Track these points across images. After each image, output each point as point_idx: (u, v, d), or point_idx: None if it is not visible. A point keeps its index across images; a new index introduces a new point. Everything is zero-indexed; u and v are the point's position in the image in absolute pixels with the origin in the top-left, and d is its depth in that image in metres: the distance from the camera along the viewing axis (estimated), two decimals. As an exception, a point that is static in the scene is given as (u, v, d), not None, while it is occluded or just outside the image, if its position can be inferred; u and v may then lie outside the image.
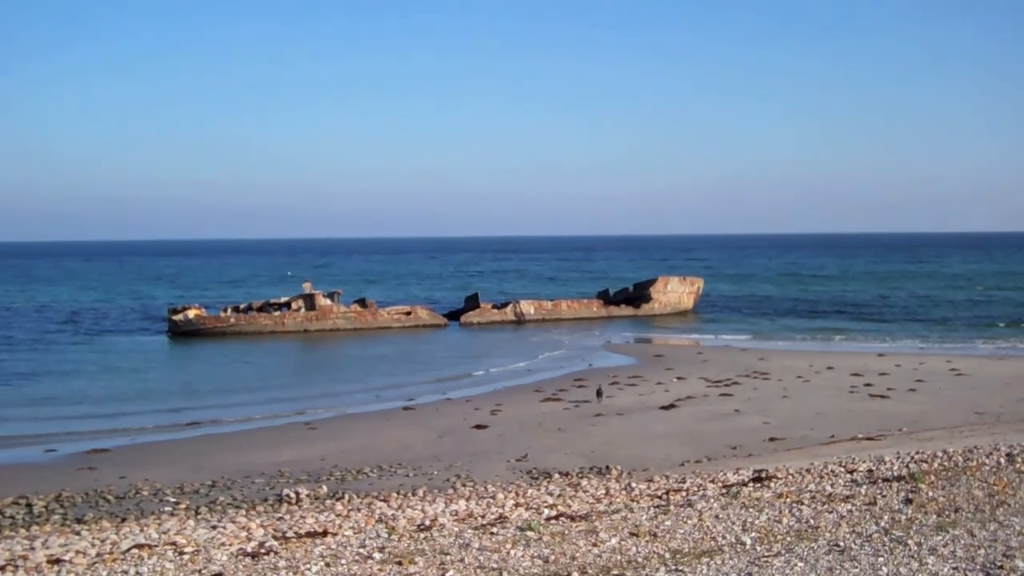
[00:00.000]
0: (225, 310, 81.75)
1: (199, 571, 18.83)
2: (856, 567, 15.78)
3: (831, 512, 20.57)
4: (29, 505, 26.78)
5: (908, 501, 20.97)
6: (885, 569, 15.59)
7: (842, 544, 17.46)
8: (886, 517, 19.59)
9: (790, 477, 25.42)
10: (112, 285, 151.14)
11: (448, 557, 19.08)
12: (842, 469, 26.01)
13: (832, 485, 23.78)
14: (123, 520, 25.15)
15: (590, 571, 17.42)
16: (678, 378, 49.10)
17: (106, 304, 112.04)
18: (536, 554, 18.94)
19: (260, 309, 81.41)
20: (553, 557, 18.67)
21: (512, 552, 19.18)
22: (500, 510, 24.04)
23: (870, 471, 25.30)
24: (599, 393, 42.41)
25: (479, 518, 23.08)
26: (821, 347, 66.43)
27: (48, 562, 20.06)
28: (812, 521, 19.91)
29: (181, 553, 20.45)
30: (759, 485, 24.67)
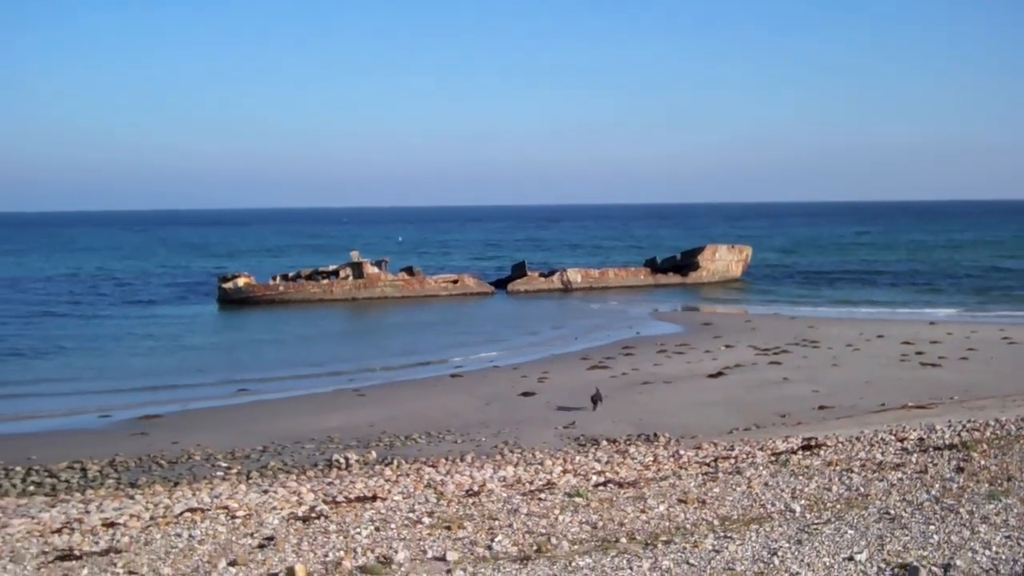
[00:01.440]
0: (274, 278, 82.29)
1: (251, 534, 19.09)
2: (907, 535, 15.68)
3: (881, 480, 20.45)
4: (84, 469, 27.23)
5: (960, 470, 20.78)
6: (936, 537, 15.47)
7: (893, 512, 17.35)
8: (937, 485, 19.44)
9: (840, 445, 25.27)
10: (149, 254, 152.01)
11: (497, 522, 19.21)
12: (892, 437, 25.82)
13: (882, 453, 23.63)
14: (176, 484, 25.53)
15: (638, 537, 17.45)
16: (726, 346, 48.87)
17: (148, 273, 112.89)
18: (584, 520, 19.01)
19: (308, 277, 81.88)
20: (601, 523, 18.73)
21: (560, 517, 19.26)
22: (548, 476, 24.14)
23: (921, 439, 25.10)
24: (595, 400, 34.51)
25: (527, 484, 23.19)
26: (871, 315, 65.73)
27: (103, 525, 20.42)
28: (862, 489, 19.80)
29: (233, 517, 20.74)
30: (808, 453, 24.56)
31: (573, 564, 15.46)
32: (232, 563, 16.90)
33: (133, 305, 79.58)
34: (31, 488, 25.46)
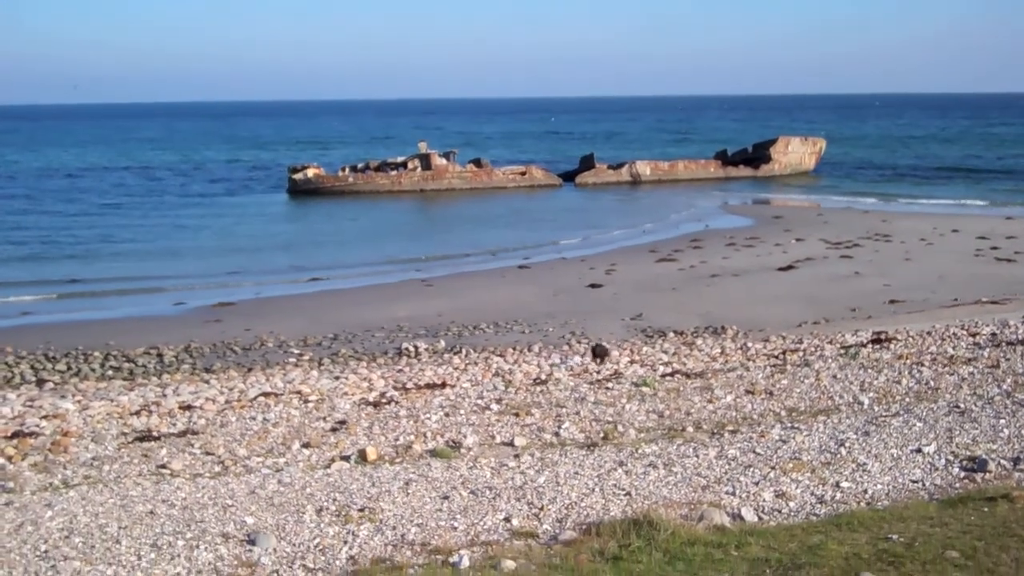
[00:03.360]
0: (343, 169, 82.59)
1: (324, 418, 19.54)
2: (976, 428, 15.60)
3: (952, 374, 20.30)
4: (160, 355, 27.91)
5: (1033, 365, 20.54)
6: (1006, 432, 15.38)
7: (962, 406, 17.24)
8: (1009, 380, 19.26)
9: (910, 339, 25.07)
10: (211, 146, 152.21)
11: (564, 410, 19.44)
12: (964, 332, 25.54)
13: (954, 347, 23.41)
14: (249, 370, 26.09)
15: (705, 426, 17.57)
16: (797, 239, 48.34)
17: (212, 164, 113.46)
18: (651, 408, 19.16)
19: (377, 169, 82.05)
20: (668, 412, 18.87)
21: (627, 406, 19.43)
22: (615, 366, 24.29)
23: (993, 334, 24.80)
24: (598, 353, 26.21)
25: (594, 374, 23.38)
26: (946, 209, 64.42)
27: (180, 408, 21.00)
28: (932, 382, 19.68)
29: (306, 401, 21.21)
30: (878, 346, 24.41)
31: (639, 451, 15.63)
32: (305, 445, 17.36)
33: (201, 196, 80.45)
34: (109, 372, 26.19)
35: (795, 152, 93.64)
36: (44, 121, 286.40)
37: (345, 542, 11.73)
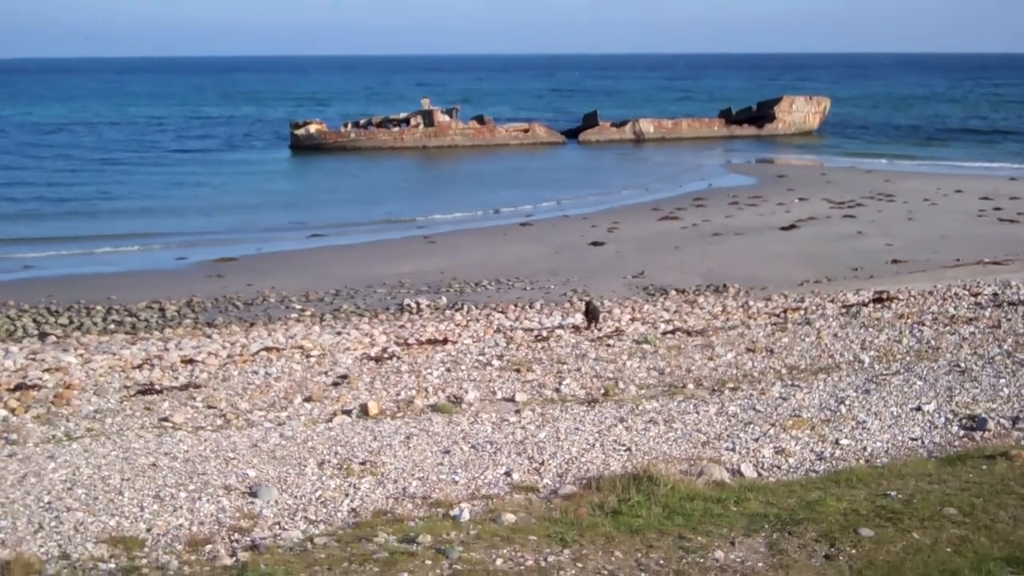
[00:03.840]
0: (345, 125, 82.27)
1: (326, 373, 19.60)
2: (976, 387, 15.65)
3: (953, 334, 20.33)
4: (162, 309, 27.95)
5: (1034, 325, 20.57)
6: (1006, 391, 15.43)
7: (963, 365, 17.30)
8: (1010, 340, 19.29)
9: (912, 299, 25.08)
10: (210, 102, 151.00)
11: (565, 366, 19.50)
12: (966, 292, 25.55)
13: (955, 307, 23.42)
14: (251, 325, 26.15)
15: (705, 383, 17.63)
16: (800, 199, 48.22)
17: (213, 120, 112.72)
18: (652, 366, 19.22)
19: (379, 125, 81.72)
20: (668, 369, 18.93)
21: (628, 363, 19.49)
22: (616, 324, 24.32)
23: (995, 295, 24.81)
24: (589, 312, 24.10)
25: (596, 331, 23.40)
26: (950, 169, 64.19)
27: (182, 362, 21.06)
28: (933, 342, 19.72)
29: (308, 356, 21.26)
30: (880, 306, 24.43)
31: (640, 407, 15.70)
32: (308, 399, 17.42)
33: (201, 152, 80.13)
34: (112, 326, 26.24)
35: (799, 111, 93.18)
36: (34, 76, 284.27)
37: (347, 495, 11.81)
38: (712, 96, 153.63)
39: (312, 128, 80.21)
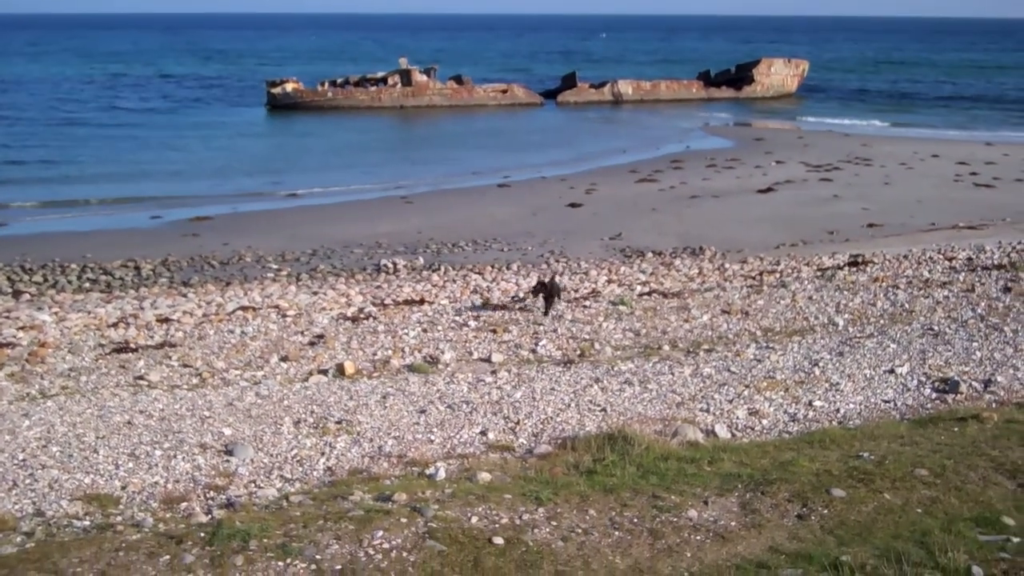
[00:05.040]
0: (322, 84, 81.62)
1: (302, 332, 19.57)
2: (949, 350, 15.79)
3: (927, 297, 20.47)
4: (137, 268, 27.77)
5: (1007, 289, 20.75)
6: (979, 354, 15.57)
7: (936, 328, 17.43)
8: (983, 304, 19.44)
9: (887, 262, 25.22)
10: (182, 59, 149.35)
11: (541, 327, 19.53)
12: (941, 256, 25.71)
13: (930, 271, 23.58)
14: (227, 284, 26.02)
15: (681, 345, 17.71)
16: (777, 162, 48.29)
17: (186, 78, 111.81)
18: (628, 327, 19.28)
19: (357, 84, 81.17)
20: (644, 330, 18.99)
21: (604, 324, 19.54)
22: (593, 285, 24.36)
23: (970, 259, 24.98)
24: (547, 291, 20.75)
25: (572, 292, 23.44)
26: (926, 134, 64.39)
27: (157, 321, 20.98)
28: (907, 305, 19.86)
29: (284, 316, 21.22)
30: (855, 269, 24.56)
31: (615, 368, 15.76)
32: (284, 358, 17.40)
33: (177, 111, 79.39)
34: (87, 285, 26.08)
35: (778, 74, 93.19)
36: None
37: (322, 453, 11.83)
38: (689, 58, 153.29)
39: (289, 87, 79.61)
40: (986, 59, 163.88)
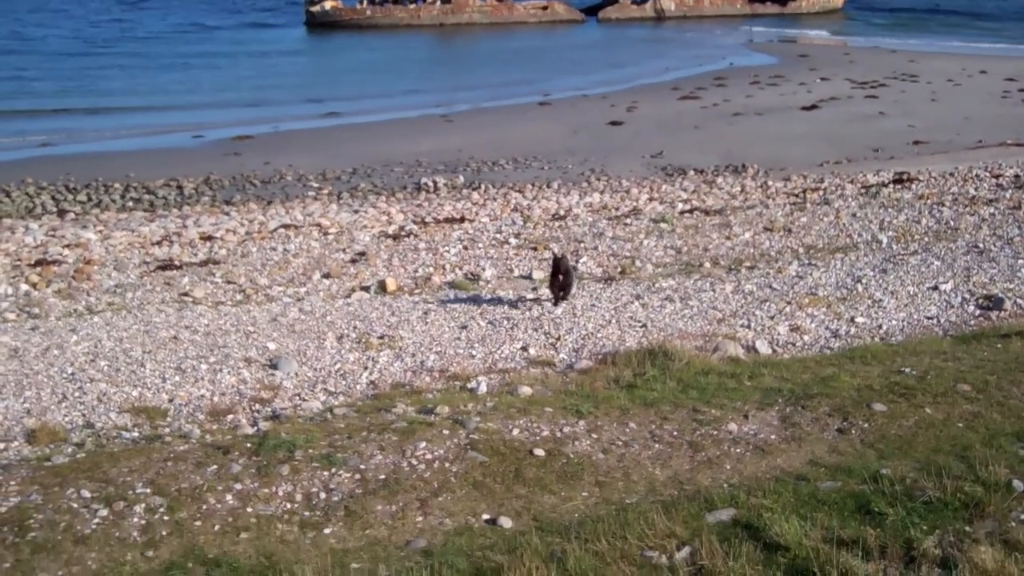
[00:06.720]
0: (362, 2, 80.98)
1: (343, 250, 19.68)
2: (994, 268, 15.61)
3: (972, 215, 20.20)
4: (180, 187, 27.93)
5: (1056, 206, 20.41)
6: (1024, 271, 15.38)
7: (981, 246, 17.22)
8: (1030, 221, 19.16)
9: (932, 180, 24.86)
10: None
11: (582, 244, 19.52)
12: (987, 174, 25.30)
13: (976, 189, 23.23)
14: (269, 203, 26.13)
15: (722, 262, 17.64)
16: (822, 79, 47.51)
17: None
18: (669, 244, 19.22)
19: (396, 2, 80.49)
20: (686, 248, 18.93)
21: (645, 242, 19.49)
22: (634, 203, 24.24)
23: (1017, 176, 24.56)
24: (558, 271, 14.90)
25: (613, 210, 23.36)
26: (976, 50, 62.99)
27: (201, 238, 21.14)
28: (952, 223, 19.61)
29: (326, 234, 21.32)
30: (900, 186, 24.25)
31: (656, 285, 15.74)
32: (326, 275, 17.53)
33: (217, 28, 79.24)
34: (130, 204, 26.29)
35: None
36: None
37: (365, 368, 11.96)
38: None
39: (327, 5, 79.09)
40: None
